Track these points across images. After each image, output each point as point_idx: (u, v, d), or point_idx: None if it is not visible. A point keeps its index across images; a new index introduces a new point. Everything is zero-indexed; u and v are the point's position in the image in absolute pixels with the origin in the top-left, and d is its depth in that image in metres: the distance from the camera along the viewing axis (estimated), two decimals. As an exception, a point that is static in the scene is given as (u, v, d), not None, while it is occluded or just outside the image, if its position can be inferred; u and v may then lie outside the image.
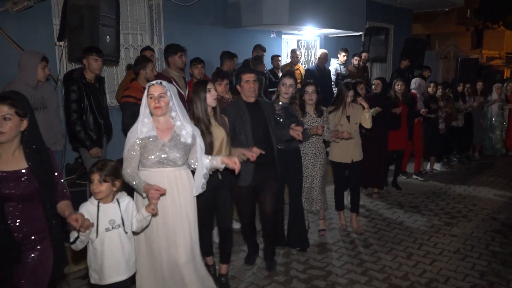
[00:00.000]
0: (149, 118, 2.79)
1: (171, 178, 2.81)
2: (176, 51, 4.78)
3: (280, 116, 3.92)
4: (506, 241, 4.52)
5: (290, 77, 4.03)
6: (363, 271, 3.85)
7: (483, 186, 6.61)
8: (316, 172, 4.34)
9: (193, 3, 6.54)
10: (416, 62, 9.38)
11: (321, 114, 4.31)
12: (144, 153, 2.76)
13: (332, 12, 7.47)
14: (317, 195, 4.37)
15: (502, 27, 28.79)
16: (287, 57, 8.09)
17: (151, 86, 2.77)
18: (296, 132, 3.58)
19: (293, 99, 4.13)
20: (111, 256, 2.55)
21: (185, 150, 2.85)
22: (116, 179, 2.58)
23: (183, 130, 2.85)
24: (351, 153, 4.62)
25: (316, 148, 4.34)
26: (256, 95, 3.58)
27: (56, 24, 5.08)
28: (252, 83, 3.53)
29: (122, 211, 2.61)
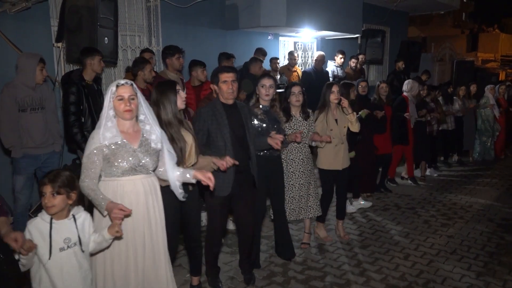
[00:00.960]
0: (112, 121, 2.49)
1: (145, 186, 2.58)
2: (174, 52, 4.79)
3: (262, 121, 3.66)
4: (502, 242, 4.55)
5: (269, 78, 3.75)
6: (361, 272, 3.87)
7: (479, 188, 6.65)
8: (305, 180, 4.09)
9: (191, 5, 6.56)
10: (412, 65, 9.46)
11: (307, 117, 4.09)
12: (113, 161, 2.45)
13: (329, 14, 7.51)
14: (314, 201, 4.16)
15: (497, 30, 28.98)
16: (284, 59, 8.13)
17: (120, 87, 2.47)
18: (275, 141, 3.34)
19: (273, 102, 3.80)
20: (67, 279, 2.28)
21: (156, 156, 2.62)
22: (71, 191, 2.29)
23: (153, 135, 2.61)
24: (341, 159, 4.39)
25: (303, 154, 4.10)
26: (234, 96, 3.30)
27: (54, 26, 5.08)
28: (231, 83, 3.23)
29: (79, 228, 2.33)
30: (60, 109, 4.79)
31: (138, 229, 2.56)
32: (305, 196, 4.09)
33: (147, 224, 2.59)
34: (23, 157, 3.93)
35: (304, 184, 4.08)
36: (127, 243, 2.54)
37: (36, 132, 3.98)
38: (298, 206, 4.10)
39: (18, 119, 3.87)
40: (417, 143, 6.72)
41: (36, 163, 4.02)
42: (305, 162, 4.09)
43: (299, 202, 4.10)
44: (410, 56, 9.59)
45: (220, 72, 3.28)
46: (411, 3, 10.19)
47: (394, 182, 6.74)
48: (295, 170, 4.06)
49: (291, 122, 4.01)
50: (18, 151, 3.89)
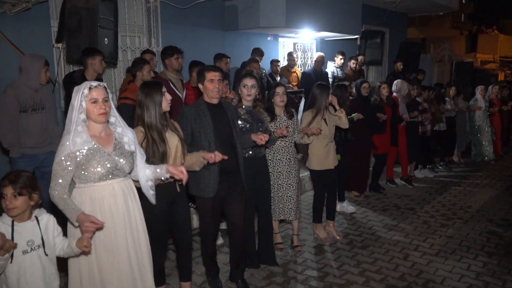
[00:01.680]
0: (83, 126, 2.37)
1: (124, 189, 2.51)
2: (173, 53, 4.79)
3: (246, 121, 3.62)
4: (501, 242, 4.56)
5: (251, 78, 3.69)
6: (360, 272, 3.88)
7: (478, 188, 6.66)
8: (292, 180, 4.06)
9: (190, 6, 6.58)
10: (411, 66, 9.47)
11: (291, 116, 4.10)
12: (88, 167, 2.35)
13: (328, 15, 7.53)
14: (294, 204, 4.08)
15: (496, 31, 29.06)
16: (284, 60, 8.14)
17: (93, 89, 2.35)
18: (259, 137, 3.26)
19: (256, 102, 3.78)
20: (31, 282, 2.22)
21: (131, 158, 2.55)
22: (33, 191, 2.24)
23: (125, 137, 2.53)
24: (332, 159, 4.43)
25: (290, 154, 4.07)
26: (219, 96, 3.26)
27: (54, 26, 5.09)
28: (217, 82, 3.20)
29: (42, 230, 2.27)
30: (60, 110, 4.81)
31: (120, 233, 2.49)
32: (293, 197, 4.07)
33: (128, 228, 2.52)
34: (22, 157, 3.93)
35: (291, 184, 4.06)
36: (108, 249, 2.46)
37: (34, 132, 3.99)
38: (288, 207, 4.07)
39: (18, 119, 3.88)
40: (409, 143, 6.71)
41: (34, 163, 4.03)
42: (291, 162, 4.08)
43: (287, 203, 4.07)
44: (409, 57, 9.61)
45: (207, 71, 3.24)
46: (410, 5, 10.22)
47: (393, 182, 6.71)
48: (283, 170, 4.05)
49: (276, 122, 3.99)
50: (17, 151, 3.90)
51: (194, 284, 3.58)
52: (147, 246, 2.65)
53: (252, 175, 3.65)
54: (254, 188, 3.71)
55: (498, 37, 26.68)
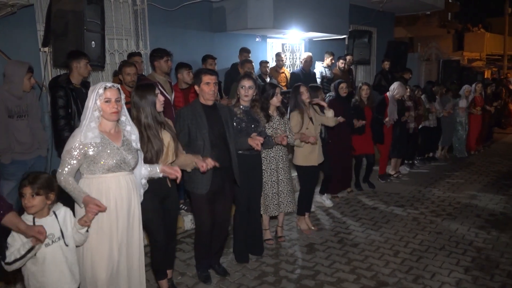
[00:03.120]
0: (96, 122, 2.60)
1: (128, 182, 2.70)
2: (162, 55, 4.79)
3: (242, 120, 3.78)
4: (489, 237, 4.62)
5: (248, 79, 3.86)
6: (351, 270, 3.91)
7: (466, 184, 6.74)
8: (284, 176, 4.25)
9: (178, 8, 6.56)
10: (399, 64, 9.55)
11: (283, 115, 4.29)
12: (98, 159, 2.56)
13: (316, 15, 7.57)
14: (286, 197, 4.26)
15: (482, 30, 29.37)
16: (273, 60, 8.16)
17: (108, 89, 2.58)
18: (255, 142, 3.46)
19: (254, 102, 3.95)
20: (55, 271, 2.44)
21: (137, 154, 2.78)
22: (50, 192, 2.43)
23: (133, 135, 2.78)
24: (317, 155, 4.66)
25: (282, 151, 4.26)
26: (215, 98, 3.45)
27: (40, 30, 5.05)
28: (213, 85, 3.36)
29: (61, 223, 2.48)
30: (48, 114, 4.77)
31: (123, 225, 2.69)
32: (284, 192, 4.24)
33: (131, 218, 2.74)
34: (12, 162, 3.91)
35: (283, 180, 4.23)
36: (111, 239, 2.64)
37: (23, 138, 3.96)
38: (287, 200, 4.26)
39: (8, 125, 3.85)
40: (396, 140, 6.82)
41: (24, 168, 3.99)
42: (284, 159, 4.26)
43: (287, 196, 4.26)
44: (397, 56, 9.68)
45: (203, 74, 3.38)
46: (397, 4, 10.30)
47: (385, 178, 6.90)
48: (277, 167, 4.19)
49: (271, 122, 4.15)
50: (8, 157, 3.87)
51: (186, 286, 3.59)
52: (140, 241, 2.82)
53: (246, 171, 3.79)
54: (248, 183, 3.86)
55: (484, 35, 26.93)
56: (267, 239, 4.42)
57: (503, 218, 5.20)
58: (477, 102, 8.92)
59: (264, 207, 4.24)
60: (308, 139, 4.35)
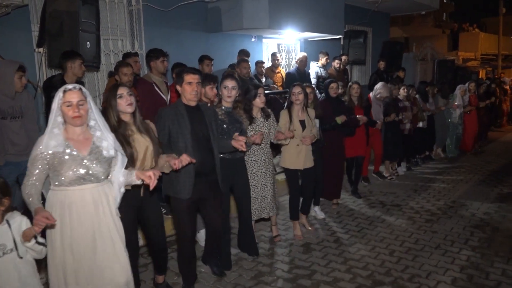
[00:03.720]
0: (60, 128, 2.39)
1: (95, 197, 2.44)
2: (158, 56, 4.79)
3: (223, 122, 3.65)
4: (484, 236, 4.65)
5: (231, 79, 3.73)
6: (347, 269, 3.92)
7: (461, 183, 6.77)
8: (267, 180, 4.12)
9: (173, 8, 6.56)
10: (394, 64, 9.59)
11: (268, 117, 4.13)
12: (60, 170, 2.34)
13: (311, 16, 7.59)
14: (270, 202, 4.16)
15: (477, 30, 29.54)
16: (268, 61, 8.18)
17: (68, 92, 2.36)
18: (240, 143, 3.29)
19: (236, 103, 3.85)
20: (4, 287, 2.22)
21: (108, 163, 2.51)
22: (3, 197, 2.25)
23: (104, 141, 2.49)
24: (303, 159, 4.47)
25: (265, 155, 4.12)
26: (197, 98, 3.27)
27: (35, 31, 5.04)
28: (196, 85, 3.19)
29: (14, 233, 2.26)
30: (43, 115, 4.75)
31: (85, 243, 2.43)
32: (267, 196, 4.13)
33: (98, 238, 2.46)
34: (6, 164, 3.88)
35: (265, 184, 4.11)
36: (74, 254, 2.42)
37: (17, 139, 3.93)
38: (261, 206, 4.14)
39: (0, 125, 3.83)
40: (388, 142, 6.70)
41: (18, 170, 3.97)
42: (266, 163, 4.12)
43: (261, 202, 4.13)
44: (392, 56, 9.72)
45: (185, 73, 3.22)
46: (392, 4, 10.35)
47: (366, 180, 6.75)
48: (258, 171, 4.08)
49: (253, 124, 4.03)
50: (1, 159, 3.85)
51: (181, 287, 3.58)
52: (123, 254, 2.58)
53: (231, 176, 3.73)
54: (232, 188, 3.83)
55: (479, 35, 27.08)
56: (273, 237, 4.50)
57: (498, 217, 5.23)
58: (471, 101, 8.89)
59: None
60: (284, 136, 4.12)
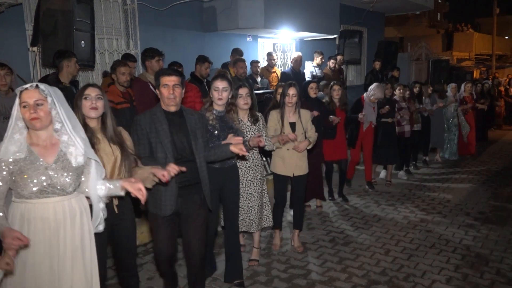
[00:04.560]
0: (22, 133, 2.12)
1: (58, 211, 2.13)
2: (154, 55, 4.77)
3: (214, 128, 3.31)
4: (479, 235, 4.67)
5: (222, 79, 3.34)
6: (343, 269, 3.92)
7: (456, 183, 6.80)
8: (254, 189, 3.73)
9: (168, 8, 6.55)
10: (389, 64, 9.63)
11: (256, 120, 3.72)
12: (19, 181, 2.06)
13: (306, 15, 7.60)
14: (256, 215, 3.77)
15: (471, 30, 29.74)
16: (264, 60, 8.18)
17: (24, 92, 2.08)
18: (239, 147, 2.93)
19: (230, 106, 3.45)
20: None
21: (77, 173, 2.19)
22: None
23: (72, 147, 2.18)
24: (293, 166, 4.08)
25: (252, 161, 3.73)
26: (177, 103, 2.86)
27: (29, 30, 5.01)
28: (172, 88, 2.80)
29: None
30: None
31: (43, 263, 2.12)
32: (254, 207, 3.78)
33: (61, 256, 2.16)
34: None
35: (252, 194, 3.75)
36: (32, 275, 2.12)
37: None
38: (249, 218, 3.78)
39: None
40: (384, 146, 6.35)
41: None
42: (252, 170, 3.75)
43: (248, 214, 3.77)
44: (387, 56, 9.76)
45: (161, 75, 2.86)
46: (387, 4, 10.39)
47: (372, 186, 6.41)
48: (253, 178, 3.74)
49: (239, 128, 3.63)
50: None
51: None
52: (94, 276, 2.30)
53: (221, 187, 3.43)
54: (221, 199, 3.50)
55: (473, 35, 27.28)
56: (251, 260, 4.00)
57: (492, 216, 5.26)
58: (466, 103, 8.65)
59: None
60: (287, 137, 3.85)
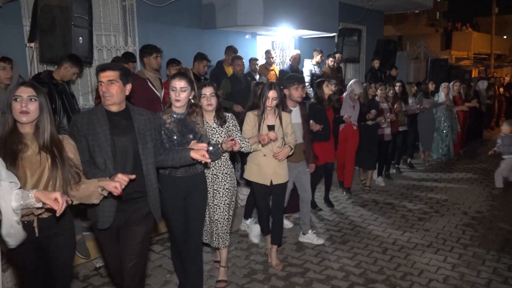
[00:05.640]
0: None
1: None
2: (152, 52, 4.75)
3: (172, 132, 2.98)
4: (476, 234, 4.68)
5: (180, 79, 3.00)
6: (340, 267, 3.92)
7: (453, 183, 6.82)
8: (220, 200, 3.36)
9: (167, 4, 6.51)
10: (388, 63, 9.63)
11: (223, 122, 3.37)
12: None
13: (305, 13, 7.57)
14: (222, 229, 3.39)
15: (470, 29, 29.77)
16: (262, 58, 8.15)
17: None
18: (201, 153, 2.63)
19: (192, 108, 3.10)
20: None
21: None
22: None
23: None
24: (271, 173, 3.73)
25: (227, 167, 3.40)
26: (115, 101, 2.56)
27: (26, 25, 4.98)
28: (108, 84, 2.51)
29: None
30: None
31: None
32: (220, 221, 3.39)
33: None
34: None
35: (218, 205, 3.38)
36: None
37: None
38: (214, 232, 3.42)
39: None
40: (363, 149, 5.94)
41: None
42: (219, 179, 3.39)
43: (213, 227, 3.42)
44: (386, 55, 9.77)
45: (98, 71, 2.59)
46: (386, 2, 10.36)
47: (349, 192, 6.05)
48: (219, 188, 3.38)
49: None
50: None
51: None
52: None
53: (183, 197, 3.11)
54: (184, 212, 3.14)
55: (472, 34, 27.31)
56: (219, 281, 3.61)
57: (489, 215, 5.27)
58: (456, 102, 8.43)
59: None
60: (268, 137, 3.47)
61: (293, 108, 4.17)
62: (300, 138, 4.15)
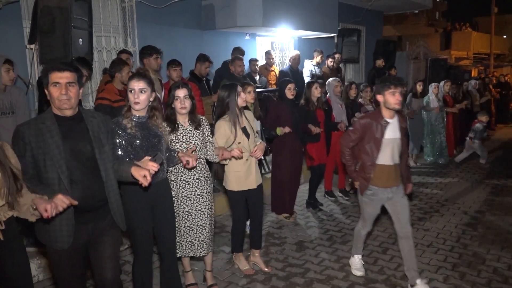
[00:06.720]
0: None
1: None
2: (152, 53, 4.77)
3: (134, 137, 2.77)
4: (476, 234, 4.68)
5: (139, 80, 2.79)
6: (341, 267, 3.93)
7: (453, 182, 6.82)
8: (203, 205, 3.27)
9: (166, 5, 6.53)
10: (387, 63, 9.63)
11: (198, 125, 3.27)
12: None
13: (305, 14, 7.59)
14: (206, 235, 3.29)
15: (469, 29, 29.78)
16: (262, 59, 8.17)
17: None
18: (141, 173, 2.35)
19: (152, 111, 2.91)
20: None
21: None
22: None
23: None
24: (254, 176, 3.66)
25: (199, 173, 3.27)
26: (72, 105, 2.33)
27: (26, 27, 4.99)
28: (65, 87, 2.28)
29: None
30: (35, 112, 4.72)
31: None
32: (205, 226, 3.29)
33: None
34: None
35: (202, 210, 3.27)
36: None
37: (7, 137, 3.90)
38: (199, 239, 3.28)
39: None
40: None
41: None
42: (202, 183, 3.28)
43: (198, 233, 3.28)
44: (386, 55, 9.77)
45: (50, 71, 2.32)
46: (386, 3, 10.38)
47: (332, 195, 5.92)
48: (190, 194, 3.24)
49: (178, 133, 3.19)
50: None
51: None
52: None
53: (149, 207, 2.93)
54: (153, 222, 2.99)
55: (471, 34, 27.31)
56: (189, 284, 3.48)
57: (489, 215, 5.27)
58: (446, 102, 8.25)
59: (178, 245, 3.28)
60: (230, 154, 3.35)
61: (390, 120, 3.33)
62: (397, 157, 3.40)
